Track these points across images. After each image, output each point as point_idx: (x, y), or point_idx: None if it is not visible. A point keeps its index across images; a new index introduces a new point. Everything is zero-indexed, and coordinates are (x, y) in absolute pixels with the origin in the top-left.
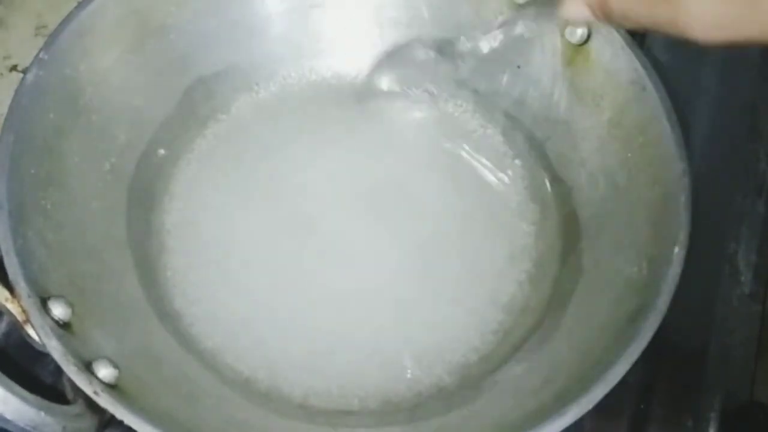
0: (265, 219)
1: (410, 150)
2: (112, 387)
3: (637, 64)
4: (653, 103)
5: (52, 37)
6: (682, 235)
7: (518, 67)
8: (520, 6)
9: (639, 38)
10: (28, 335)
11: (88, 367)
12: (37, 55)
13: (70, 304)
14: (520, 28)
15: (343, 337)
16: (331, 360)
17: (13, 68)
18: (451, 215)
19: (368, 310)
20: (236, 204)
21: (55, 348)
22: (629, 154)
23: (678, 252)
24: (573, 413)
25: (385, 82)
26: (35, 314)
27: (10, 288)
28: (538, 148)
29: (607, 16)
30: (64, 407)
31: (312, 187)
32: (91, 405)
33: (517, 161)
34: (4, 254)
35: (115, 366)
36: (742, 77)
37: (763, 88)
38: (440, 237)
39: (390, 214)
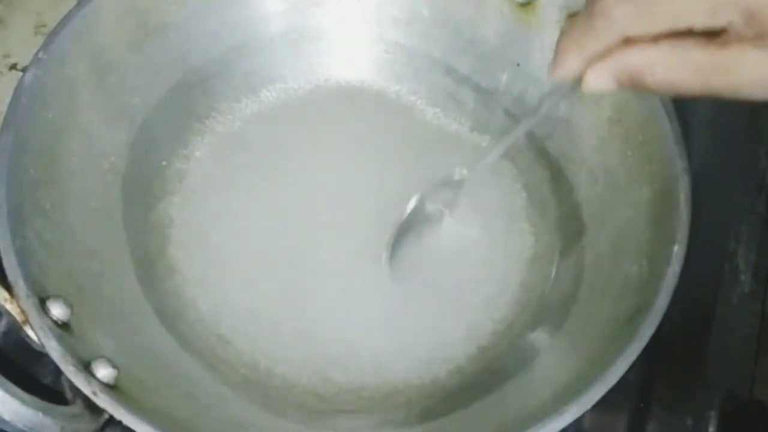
0: (265, 218)
1: (409, 149)
2: (111, 387)
3: None
4: (653, 102)
5: (52, 36)
6: (682, 234)
7: (518, 65)
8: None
9: None
10: (27, 335)
11: (86, 368)
12: (37, 54)
13: (69, 304)
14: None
15: (343, 337)
16: (331, 360)
17: (13, 67)
18: (451, 215)
19: (369, 310)
20: (236, 203)
21: (53, 348)
22: (629, 153)
23: (677, 250)
24: (572, 412)
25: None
26: (34, 314)
27: (8, 288)
28: (538, 146)
29: (640, 88)
30: (63, 408)
31: (312, 185)
32: (90, 405)
33: (516, 160)
34: (2, 254)
35: (114, 366)
36: None
37: None
38: (440, 237)
39: (390, 214)
